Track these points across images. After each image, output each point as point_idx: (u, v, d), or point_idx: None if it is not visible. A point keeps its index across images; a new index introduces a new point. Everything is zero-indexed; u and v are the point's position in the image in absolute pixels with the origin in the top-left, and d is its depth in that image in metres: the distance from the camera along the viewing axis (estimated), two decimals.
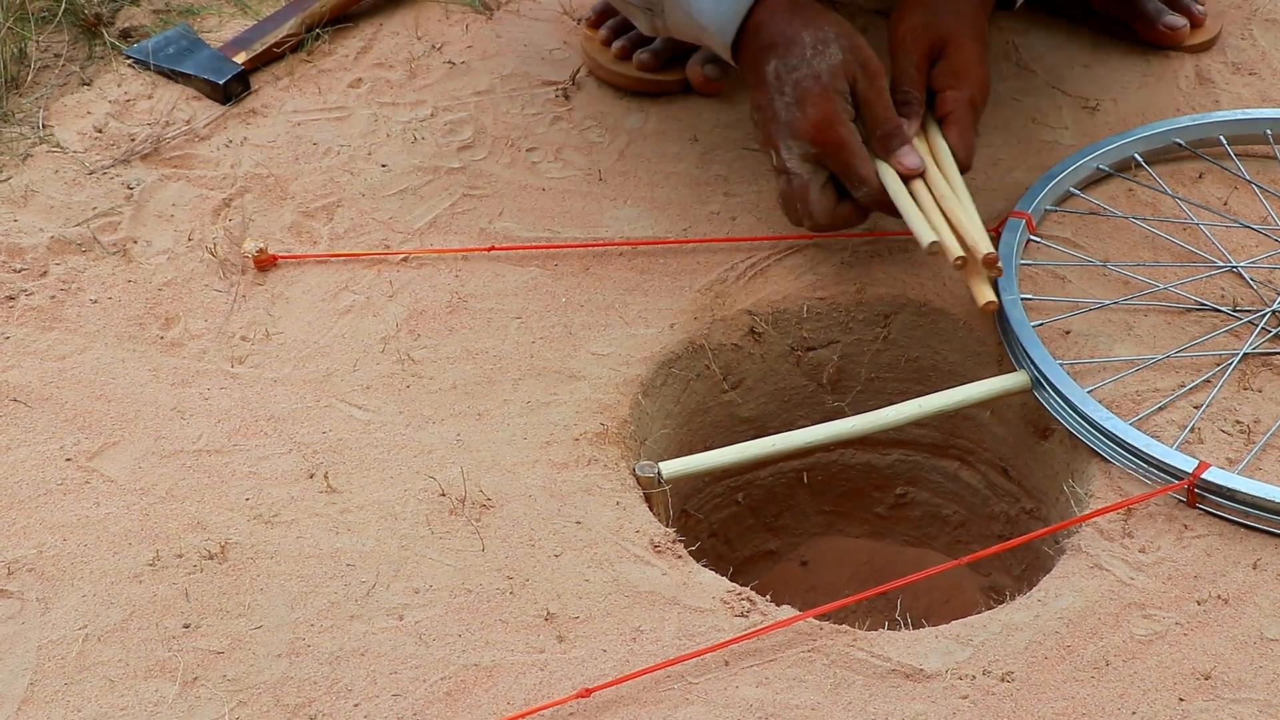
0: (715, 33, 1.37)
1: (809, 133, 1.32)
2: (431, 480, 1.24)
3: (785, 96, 1.33)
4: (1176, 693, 1.08)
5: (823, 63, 1.32)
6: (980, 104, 1.41)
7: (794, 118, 1.32)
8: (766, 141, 1.36)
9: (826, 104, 1.32)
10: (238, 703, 1.09)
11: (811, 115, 1.32)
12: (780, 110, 1.33)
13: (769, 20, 1.35)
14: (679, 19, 1.40)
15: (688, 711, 1.08)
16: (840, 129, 1.32)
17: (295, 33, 1.70)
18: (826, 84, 1.32)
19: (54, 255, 1.46)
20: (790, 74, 1.33)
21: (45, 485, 1.25)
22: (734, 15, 1.35)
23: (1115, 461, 1.23)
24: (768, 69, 1.34)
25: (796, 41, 1.33)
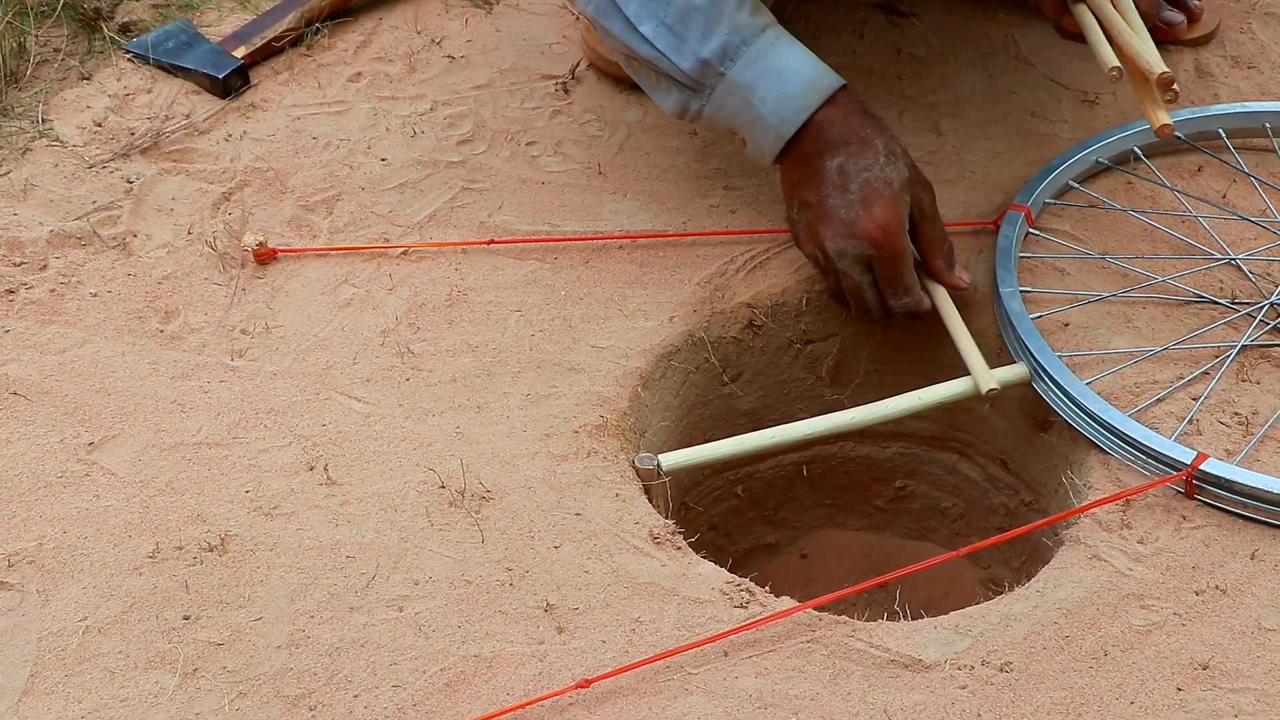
0: (775, 124, 1.33)
1: (872, 234, 1.30)
2: (431, 472, 1.24)
3: (850, 195, 1.31)
4: (1174, 682, 1.08)
5: (895, 171, 1.31)
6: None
7: (856, 217, 1.30)
8: (811, 239, 1.34)
9: (895, 209, 1.30)
10: (238, 694, 1.09)
11: (879, 217, 1.30)
12: (839, 208, 1.31)
13: (840, 119, 1.33)
14: (729, 106, 1.34)
15: (687, 702, 1.08)
16: (902, 237, 1.31)
17: (295, 27, 1.70)
18: (897, 191, 1.31)
19: (54, 249, 1.46)
20: (860, 173, 1.31)
21: (45, 478, 1.25)
22: (803, 110, 1.32)
23: (1114, 453, 1.23)
24: (829, 165, 1.32)
25: (870, 144, 1.32)
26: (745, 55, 1.32)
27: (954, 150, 1.54)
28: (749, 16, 1.33)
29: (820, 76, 1.33)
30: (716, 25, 1.32)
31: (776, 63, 1.32)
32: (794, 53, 1.33)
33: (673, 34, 1.33)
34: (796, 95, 1.32)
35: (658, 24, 1.33)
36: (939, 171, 1.52)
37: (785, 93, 1.32)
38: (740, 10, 1.33)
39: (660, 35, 1.33)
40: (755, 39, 1.33)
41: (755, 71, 1.32)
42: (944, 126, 1.57)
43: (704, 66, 1.33)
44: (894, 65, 1.65)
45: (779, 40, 1.34)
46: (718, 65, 1.33)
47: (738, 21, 1.32)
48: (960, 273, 1.36)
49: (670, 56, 1.33)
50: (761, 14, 1.35)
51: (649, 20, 1.34)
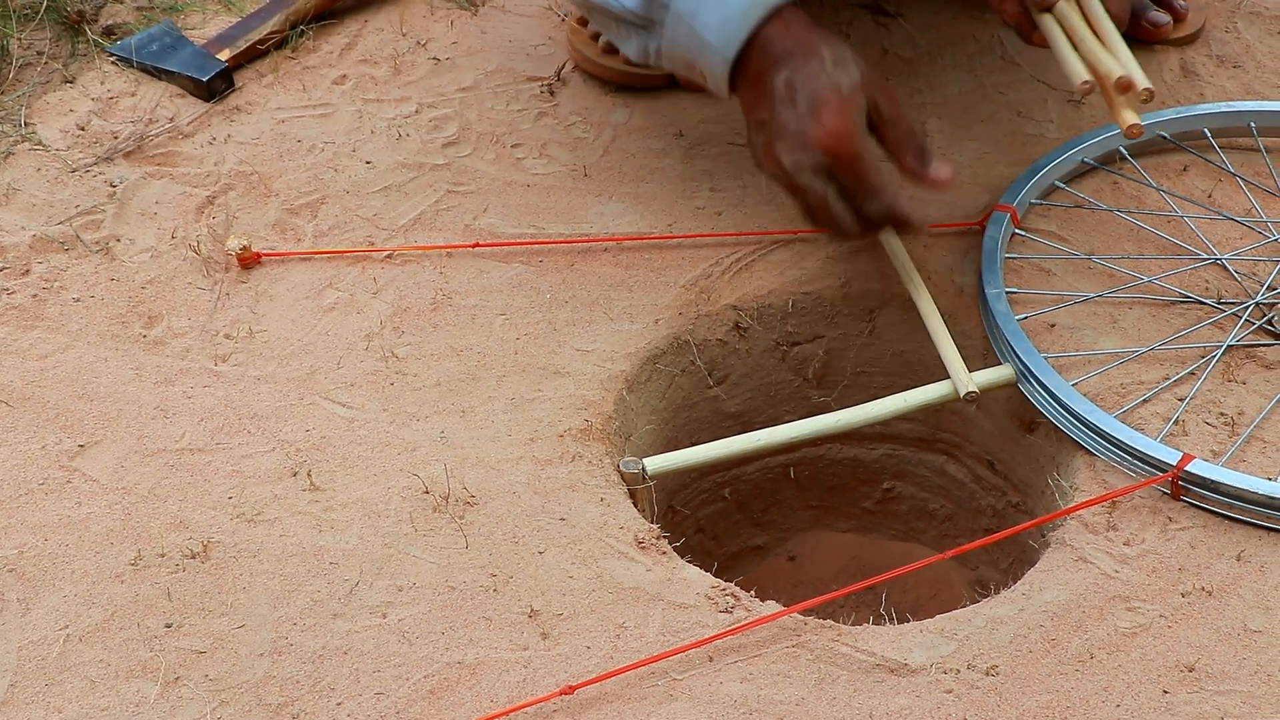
0: (719, 47, 1.30)
1: (823, 141, 1.26)
2: (415, 477, 1.24)
3: (797, 107, 1.26)
4: (1160, 685, 1.08)
5: (843, 76, 1.27)
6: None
7: (806, 128, 1.26)
8: (769, 157, 1.30)
9: (845, 113, 1.26)
10: (220, 702, 1.09)
11: (829, 124, 1.25)
12: (789, 121, 1.27)
13: (784, 33, 1.29)
14: (679, 38, 1.33)
15: (672, 708, 1.08)
16: (857, 140, 1.26)
17: (279, 29, 1.70)
18: (847, 96, 1.26)
19: (36, 254, 1.46)
20: (806, 84, 1.27)
21: (27, 485, 1.25)
22: (743, 28, 1.29)
23: (1100, 454, 1.23)
24: (776, 79, 1.28)
25: (815, 53, 1.28)
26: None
27: (940, 150, 1.54)
28: None
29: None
30: None
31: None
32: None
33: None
34: (736, 15, 1.29)
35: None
36: None
37: (725, 14, 1.29)
38: None
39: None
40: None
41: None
42: (930, 127, 1.57)
43: (648, 2, 1.32)
44: (880, 65, 1.65)
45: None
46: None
47: None
48: (938, 167, 1.30)
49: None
50: None
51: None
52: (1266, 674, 1.08)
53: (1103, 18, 1.33)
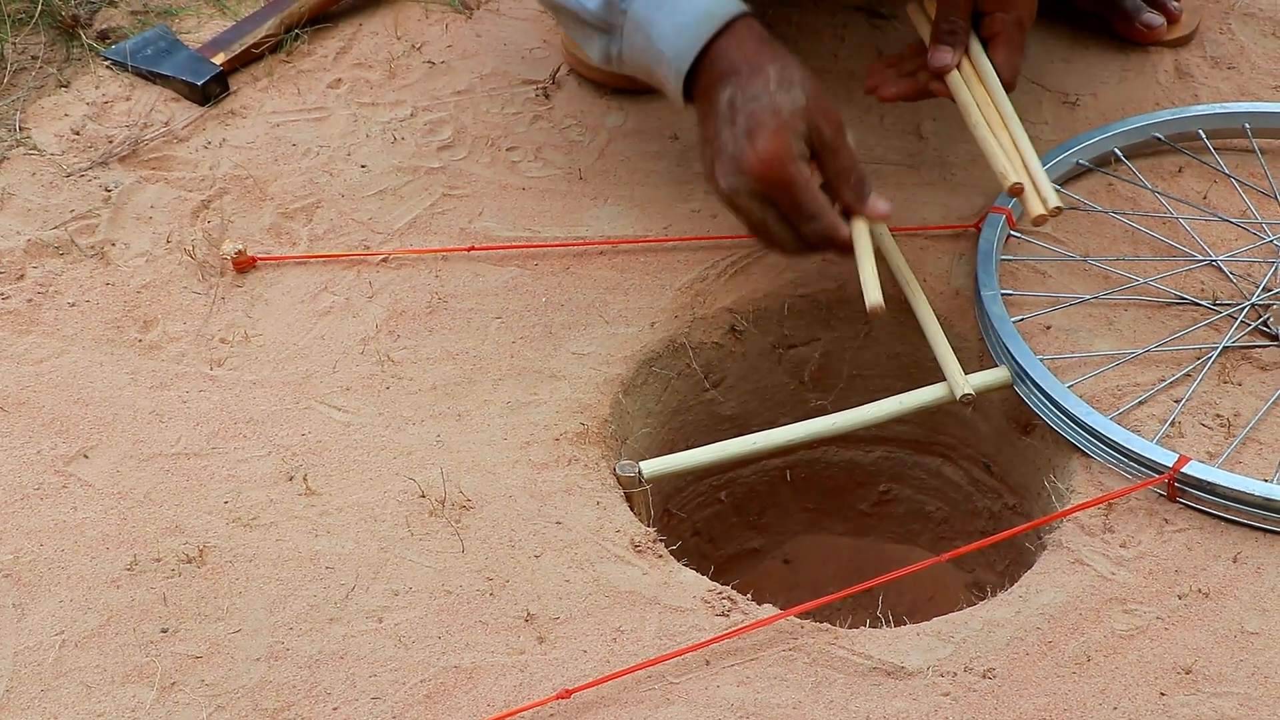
0: (671, 58, 1.28)
1: (755, 167, 1.23)
2: (411, 482, 1.24)
3: (735, 127, 1.24)
4: (1158, 687, 1.08)
5: (785, 99, 1.24)
6: (1027, 23, 1.36)
7: (741, 151, 1.23)
8: (710, 177, 1.28)
9: (779, 139, 1.22)
10: (216, 707, 1.09)
11: (761, 149, 1.22)
12: (727, 142, 1.25)
13: (734, 48, 1.27)
14: (636, 44, 1.31)
15: (668, 712, 1.08)
16: (790, 166, 1.23)
17: (274, 33, 1.69)
18: (785, 120, 1.23)
19: (31, 258, 1.45)
20: (747, 104, 1.24)
21: (22, 490, 1.24)
22: (696, 40, 1.27)
23: (1096, 456, 1.23)
24: (722, 96, 1.26)
25: (760, 72, 1.25)
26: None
27: (935, 153, 1.54)
28: None
29: (716, 6, 1.28)
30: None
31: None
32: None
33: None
34: (690, 25, 1.28)
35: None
36: (920, 174, 1.51)
37: (679, 24, 1.28)
38: None
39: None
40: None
41: (652, 5, 1.29)
42: (925, 129, 1.57)
43: (606, 5, 1.31)
44: None
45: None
46: (618, 2, 1.30)
47: None
48: (875, 202, 1.28)
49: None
50: None
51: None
52: (1263, 675, 1.08)
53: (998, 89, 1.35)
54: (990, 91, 1.36)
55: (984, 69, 1.37)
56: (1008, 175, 1.31)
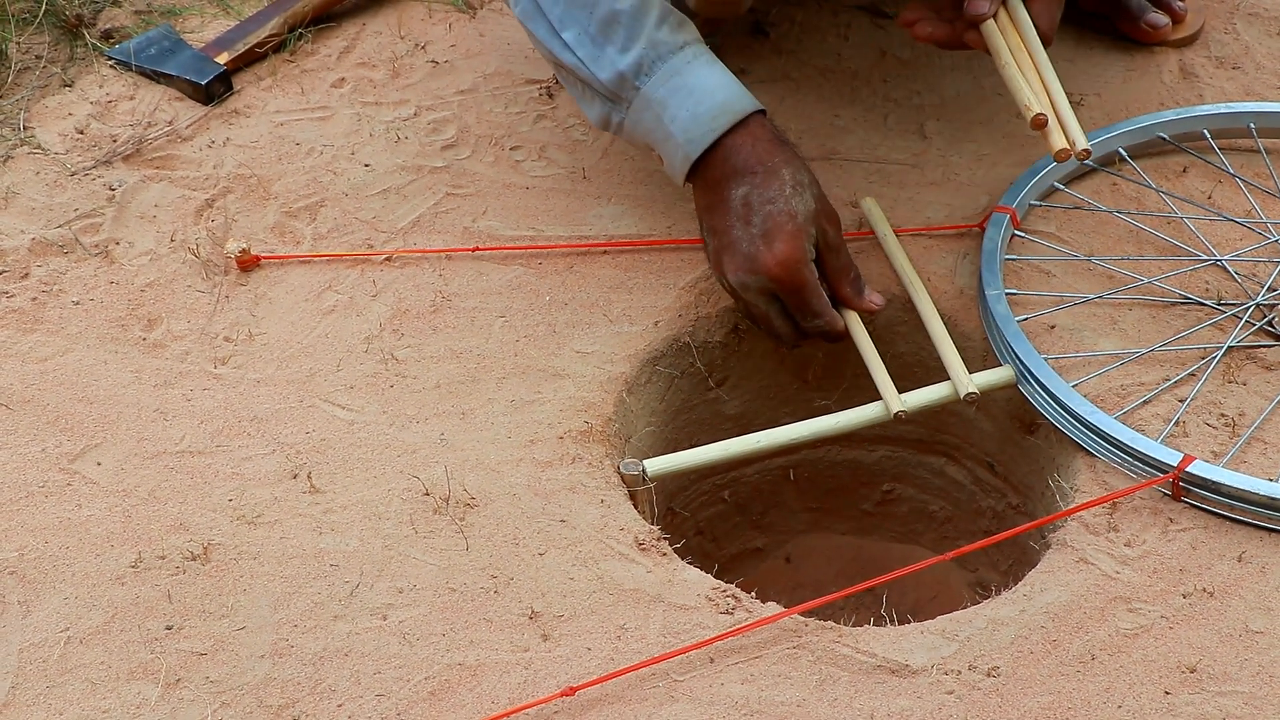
0: (682, 143, 1.31)
1: (773, 269, 1.28)
2: (415, 480, 1.24)
3: (752, 228, 1.29)
4: (1162, 686, 1.08)
5: (800, 204, 1.29)
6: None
7: (757, 251, 1.29)
8: (717, 268, 1.33)
9: (796, 243, 1.28)
10: (220, 704, 1.09)
11: (779, 252, 1.28)
12: (741, 240, 1.29)
13: (749, 146, 1.31)
14: (644, 120, 1.33)
15: (672, 709, 1.08)
16: (804, 269, 1.29)
17: (278, 32, 1.70)
18: (800, 225, 1.29)
19: (35, 257, 1.45)
20: (763, 205, 1.29)
21: (27, 488, 1.24)
22: (711, 131, 1.31)
23: (1100, 455, 1.23)
24: (734, 194, 1.30)
25: (777, 175, 1.30)
26: (660, 71, 1.31)
27: (939, 153, 1.54)
28: (669, 33, 1.32)
29: (733, 100, 1.32)
30: (636, 39, 1.31)
31: (690, 81, 1.31)
32: (711, 73, 1.32)
33: (594, 43, 1.33)
34: (706, 116, 1.31)
35: (580, 32, 1.33)
36: (924, 174, 1.51)
37: (696, 113, 1.31)
38: (661, 27, 1.32)
39: (581, 43, 1.33)
40: (672, 56, 1.32)
41: (669, 89, 1.31)
42: (929, 129, 1.57)
43: (620, 79, 1.32)
44: (879, 67, 1.65)
45: (697, 59, 1.33)
46: (633, 79, 1.32)
47: (656, 38, 1.32)
48: (870, 296, 1.35)
49: (589, 66, 1.33)
50: (684, 31, 1.34)
51: (572, 27, 1.33)
52: (1268, 675, 1.08)
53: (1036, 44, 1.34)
54: (1026, 41, 1.34)
55: (1021, 20, 1.35)
56: (1031, 106, 1.30)
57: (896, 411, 1.28)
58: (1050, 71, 1.33)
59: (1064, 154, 1.30)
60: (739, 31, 1.69)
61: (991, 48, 1.35)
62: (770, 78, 1.64)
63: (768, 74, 1.64)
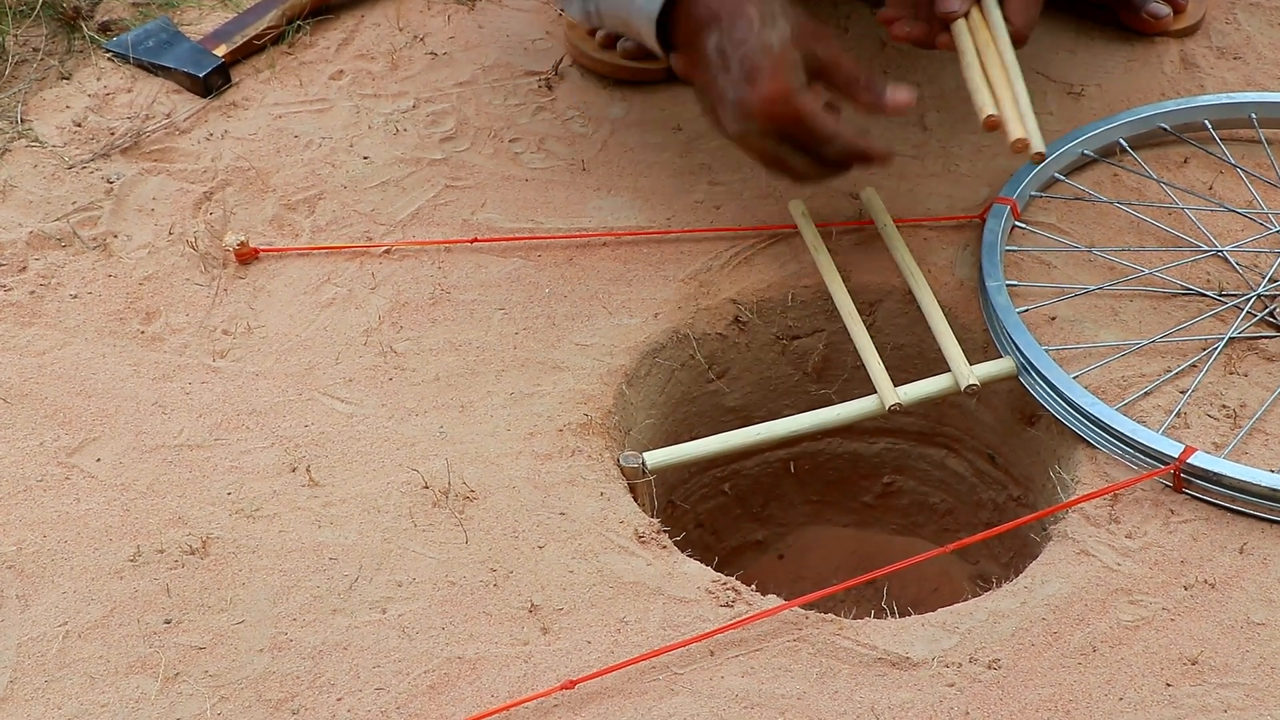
0: (643, 4, 1.26)
1: (762, 110, 1.22)
2: (414, 473, 1.23)
3: (731, 74, 1.23)
4: (1164, 678, 1.07)
5: (773, 34, 1.22)
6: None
7: (744, 95, 1.22)
8: (717, 125, 1.28)
9: (778, 77, 1.21)
10: (219, 698, 1.08)
11: (764, 90, 1.21)
12: (727, 89, 1.23)
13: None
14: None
15: (673, 702, 1.07)
16: (795, 100, 1.22)
17: (276, 25, 1.69)
18: (779, 55, 1.21)
19: (33, 250, 1.45)
20: (737, 48, 1.23)
21: (25, 481, 1.24)
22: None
23: (1101, 447, 1.23)
24: (708, 44, 1.25)
25: (741, 14, 1.23)
26: None
27: (939, 144, 1.53)
28: None
29: None
30: None
31: None
32: None
33: None
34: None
35: None
36: (924, 165, 1.51)
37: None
38: None
39: None
40: None
41: None
42: (929, 120, 1.57)
43: None
44: (879, 58, 1.65)
45: None
46: None
47: None
48: (894, 92, 1.27)
49: None
50: None
51: None
52: (1270, 666, 1.08)
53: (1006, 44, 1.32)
54: (997, 41, 1.32)
55: (994, 20, 1.34)
56: (984, 108, 1.28)
57: (891, 405, 1.28)
58: (1017, 73, 1.31)
59: (1020, 143, 1.27)
60: None
61: (958, 47, 1.34)
62: None
63: None
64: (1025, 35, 1.33)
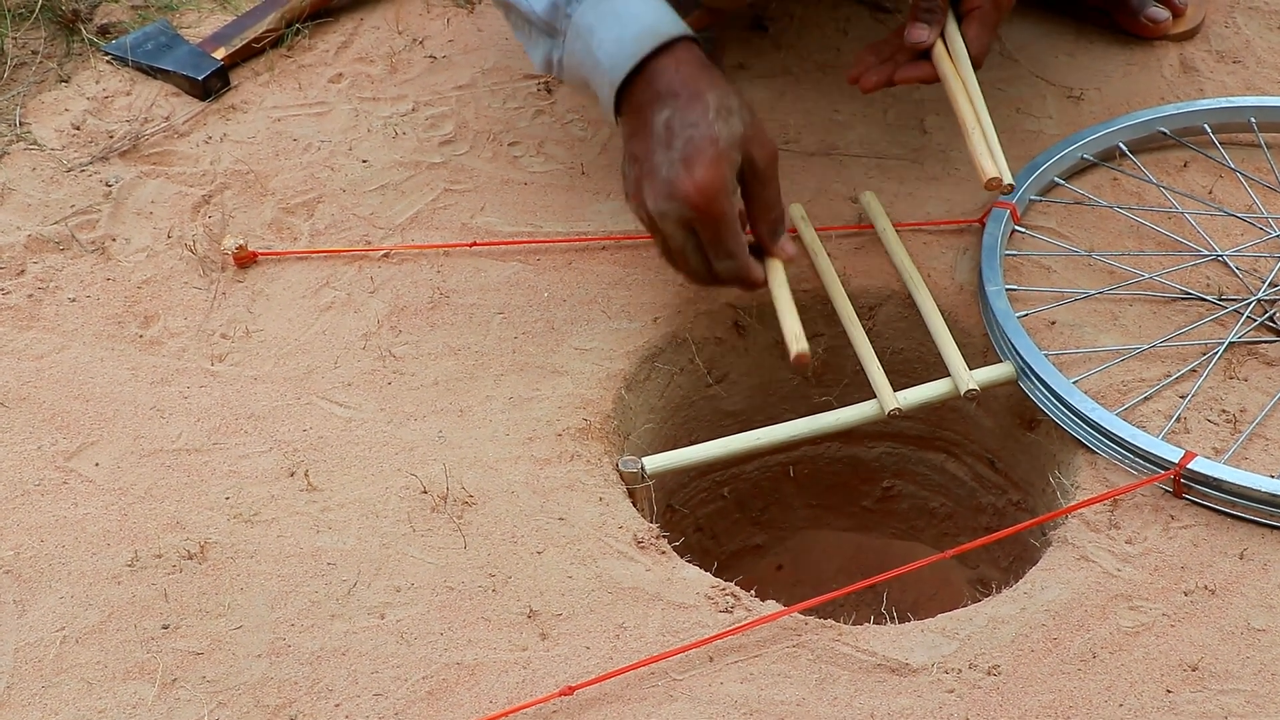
0: (607, 69, 1.27)
1: (690, 196, 1.21)
2: (413, 477, 1.23)
3: (672, 152, 1.23)
4: (1164, 684, 1.07)
5: (724, 128, 1.22)
6: (1005, 7, 1.37)
7: (677, 176, 1.22)
8: (635, 196, 1.27)
9: (717, 170, 1.21)
10: (217, 704, 1.08)
11: (698, 177, 1.21)
12: (662, 166, 1.23)
13: (673, 69, 1.26)
14: (576, 52, 1.30)
15: (672, 708, 1.07)
16: (724, 200, 1.22)
17: (275, 28, 1.69)
18: (722, 150, 1.22)
19: (31, 254, 1.45)
20: (685, 129, 1.23)
21: (22, 486, 1.24)
22: (634, 54, 1.26)
23: (1101, 452, 1.22)
24: (657, 118, 1.25)
25: (700, 98, 1.24)
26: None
27: (939, 147, 1.53)
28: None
29: (661, 23, 1.27)
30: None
31: (619, 7, 1.27)
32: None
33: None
34: (630, 40, 1.26)
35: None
36: (924, 169, 1.51)
37: (621, 37, 1.26)
38: None
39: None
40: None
41: (598, 14, 1.27)
42: (929, 124, 1.56)
43: (554, 8, 1.29)
44: None
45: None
46: (565, 6, 1.29)
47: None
48: (785, 243, 1.29)
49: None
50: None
51: None
52: (1270, 673, 1.07)
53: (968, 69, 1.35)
54: (959, 69, 1.36)
55: (957, 49, 1.37)
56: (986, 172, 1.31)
57: (890, 410, 1.28)
58: (980, 99, 1.34)
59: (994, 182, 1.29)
60: (738, 26, 1.69)
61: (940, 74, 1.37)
62: (769, 73, 1.63)
63: (767, 69, 1.64)
64: (981, 61, 1.37)
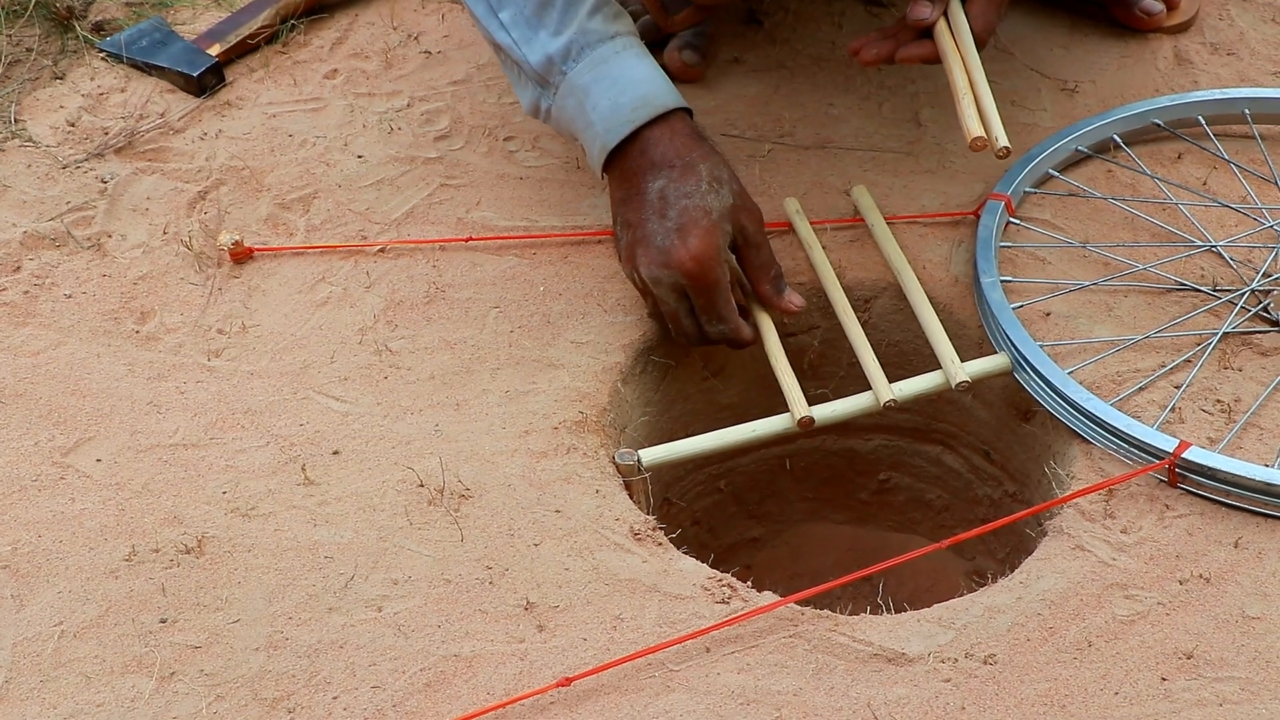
0: (601, 133, 1.31)
1: (685, 265, 1.27)
2: (410, 471, 1.23)
3: (667, 221, 1.28)
4: (1159, 672, 1.07)
5: (715, 199, 1.29)
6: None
7: (671, 245, 1.28)
8: (629, 261, 1.32)
9: (710, 239, 1.27)
10: (215, 697, 1.08)
11: (693, 248, 1.27)
12: (656, 234, 1.29)
13: (667, 139, 1.31)
14: (568, 107, 1.34)
15: (669, 699, 1.07)
16: (717, 269, 1.28)
17: (270, 24, 1.69)
18: (715, 221, 1.28)
19: (27, 250, 1.45)
20: (679, 200, 1.28)
21: (20, 481, 1.24)
22: (629, 122, 1.30)
23: (1096, 442, 1.23)
24: (650, 186, 1.30)
25: (694, 170, 1.29)
26: (588, 58, 1.32)
27: (934, 140, 1.53)
28: (601, 22, 1.33)
29: (656, 93, 1.32)
30: (568, 24, 1.32)
31: (616, 71, 1.31)
32: (638, 65, 1.32)
33: (528, 25, 1.33)
34: (626, 107, 1.31)
35: (515, 13, 1.34)
36: (919, 162, 1.51)
37: (617, 102, 1.31)
38: (594, 15, 1.32)
39: (516, 24, 1.34)
40: (600, 44, 1.32)
41: (594, 76, 1.31)
42: (924, 117, 1.57)
43: (549, 63, 1.33)
44: None
45: (626, 50, 1.33)
46: (560, 64, 1.32)
47: (588, 25, 1.32)
48: (790, 297, 1.35)
49: (521, 47, 1.34)
50: (617, 23, 1.34)
51: (509, 7, 1.34)
52: (1265, 660, 1.08)
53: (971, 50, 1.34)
54: (962, 48, 1.34)
55: (960, 27, 1.35)
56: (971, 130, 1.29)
57: (886, 401, 1.28)
58: (979, 72, 1.33)
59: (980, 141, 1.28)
60: (733, 20, 1.69)
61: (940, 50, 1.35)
62: (764, 66, 1.63)
63: (761, 62, 1.64)
64: (986, 39, 1.36)
